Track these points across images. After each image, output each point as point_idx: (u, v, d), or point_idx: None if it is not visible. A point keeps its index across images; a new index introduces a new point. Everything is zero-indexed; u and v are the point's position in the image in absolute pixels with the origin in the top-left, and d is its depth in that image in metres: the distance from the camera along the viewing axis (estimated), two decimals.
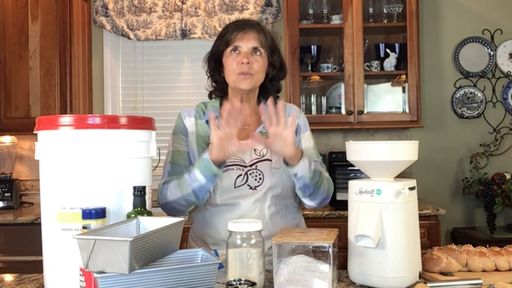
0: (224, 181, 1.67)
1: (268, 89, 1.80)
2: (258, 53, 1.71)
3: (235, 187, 1.68)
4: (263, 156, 1.72)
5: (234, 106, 1.51)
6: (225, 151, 1.53)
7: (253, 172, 1.69)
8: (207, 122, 1.76)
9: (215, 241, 1.70)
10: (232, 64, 1.71)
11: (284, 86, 3.33)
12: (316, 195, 1.69)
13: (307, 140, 1.82)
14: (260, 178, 1.69)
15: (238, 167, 1.69)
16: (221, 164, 1.56)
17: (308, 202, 1.74)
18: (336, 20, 3.36)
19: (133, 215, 1.33)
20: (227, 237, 1.37)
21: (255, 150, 1.71)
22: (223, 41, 1.74)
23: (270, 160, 1.71)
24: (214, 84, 1.82)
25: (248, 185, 1.69)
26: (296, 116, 1.59)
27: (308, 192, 1.68)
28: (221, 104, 1.80)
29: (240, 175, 1.69)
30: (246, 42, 1.70)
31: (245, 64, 1.68)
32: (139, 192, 1.33)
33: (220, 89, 1.81)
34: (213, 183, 1.60)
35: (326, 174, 1.78)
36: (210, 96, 1.85)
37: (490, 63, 3.59)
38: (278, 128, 1.52)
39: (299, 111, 1.85)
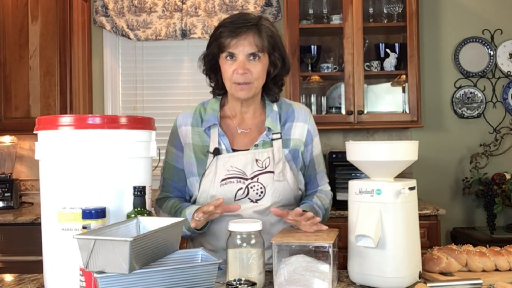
0: (224, 194, 1.61)
1: (270, 88, 1.71)
2: (256, 58, 1.60)
3: (235, 201, 1.61)
4: (265, 167, 1.64)
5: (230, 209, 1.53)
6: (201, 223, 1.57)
7: (254, 185, 1.62)
8: (205, 130, 1.69)
9: (214, 248, 1.66)
10: (228, 72, 1.61)
11: (284, 86, 3.33)
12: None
13: (317, 147, 1.77)
14: (261, 192, 1.62)
15: (238, 179, 1.62)
16: (203, 227, 1.60)
17: None
18: (336, 20, 3.36)
19: (133, 215, 1.33)
20: (225, 245, 1.37)
21: (257, 160, 1.64)
22: (217, 45, 1.62)
23: (273, 172, 1.63)
24: (212, 83, 1.74)
25: (249, 198, 1.62)
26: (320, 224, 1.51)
27: None
28: (221, 106, 1.74)
29: (241, 188, 1.62)
30: (242, 49, 1.58)
31: (241, 75, 1.58)
32: (139, 192, 1.33)
33: (220, 87, 1.72)
34: (198, 234, 1.64)
35: (328, 187, 1.79)
36: (213, 94, 1.76)
37: (490, 63, 3.59)
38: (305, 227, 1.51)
39: (309, 114, 1.76)
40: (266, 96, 1.74)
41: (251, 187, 1.62)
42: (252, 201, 1.63)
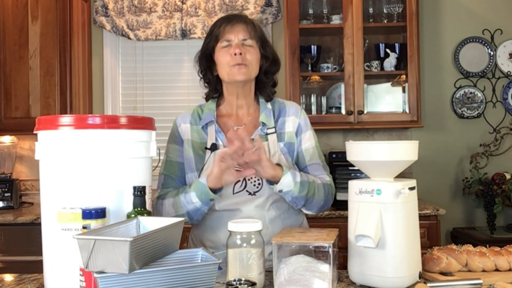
0: (223, 187, 1.62)
1: (264, 83, 1.77)
2: (249, 44, 1.69)
3: (233, 193, 1.65)
4: None
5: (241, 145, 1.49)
6: (222, 180, 1.54)
7: (251, 178, 1.65)
8: (203, 128, 1.74)
9: (215, 245, 1.67)
10: (225, 57, 1.68)
11: (284, 86, 3.34)
12: (310, 205, 1.69)
13: (308, 140, 1.78)
14: (259, 184, 1.65)
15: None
16: (217, 190, 1.58)
17: (304, 211, 1.75)
18: (336, 20, 3.36)
19: (133, 215, 1.33)
20: (226, 241, 1.37)
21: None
22: (213, 37, 1.72)
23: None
24: (206, 84, 1.79)
25: (247, 190, 1.65)
26: (259, 139, 1.53)
27: (299, 205, 1.68)
28: (217, 106, 1.78)
29: (239, 181, 1.65)
30: (236, 34, 1.68)
31: (238, 55, 1.65)
32: (139, 192, 1.33)
33: (213, 89, 1.78)
34: (208, 206, 1.61)
35: (327, 178, 1.76)
36: (207, 99, 1.81)
37: (490, 63, 3.59)
38: (249, 156, 1.51)
39: (300, 109, 1.80)
40: (260, 94, 1.78)
41: (249, 179, 1.66)
42: (250, 193, 1.65)
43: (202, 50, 1.76)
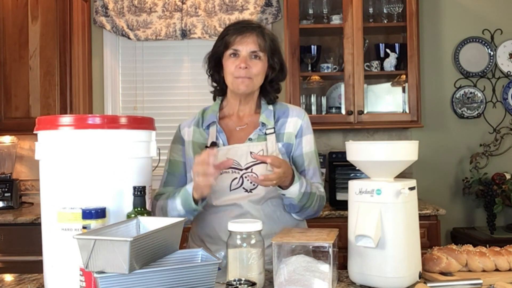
0: (219, 184, 1.66)
1: (267, 91, 1.80)
2: (257, 57, 1.71)
3: (230, 190, 1.67)
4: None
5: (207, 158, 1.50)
6: (207, 188, 1.54)
7: (248, 175, 1.67)
8: (205, 129, 1.77)
9: (213, 241, 1.70)
10: (230, 67, 1.71)
11: (284, 86, 3.32)
12: (302, 213, 1.73)
13: (309, 144, 1.79)
14: None
15: (233, 170, 1.68)
16: (202, 200, 1.60)
17: (293, 215, 1.77)
18: (336, 20, 3.36)
19: (133, 215, 1.33)
20: (224, 236, 1.37)
21: (251, 153, 1.70)
22: (223, 43, 1.74)
23: (266, 163, 1.68)
24: (214, 84, 1.83)
25: (244, 188, 1.68)
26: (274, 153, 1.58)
27: (293, 210, 1.72)
28: (220, 107, 1.82)
29: (236, 178, 1.68)
30: (245, 46, 1.70)
31: (242, 69, 1.68)
32: (139, 192, 1.34)
33: (220, 89, 1.82)
34: (193, 215, 1.64)
35: (321, 189, 1.77)
36: (214, 97, 1.85)
37: (490, 63, 3.58)
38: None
39: (304, 113, 1.83)
40: (263, 97, 1.82)
41: (246, 177, 1.68)
42: (246, 190, 1.68)
43: (212, 52, 1.79)
